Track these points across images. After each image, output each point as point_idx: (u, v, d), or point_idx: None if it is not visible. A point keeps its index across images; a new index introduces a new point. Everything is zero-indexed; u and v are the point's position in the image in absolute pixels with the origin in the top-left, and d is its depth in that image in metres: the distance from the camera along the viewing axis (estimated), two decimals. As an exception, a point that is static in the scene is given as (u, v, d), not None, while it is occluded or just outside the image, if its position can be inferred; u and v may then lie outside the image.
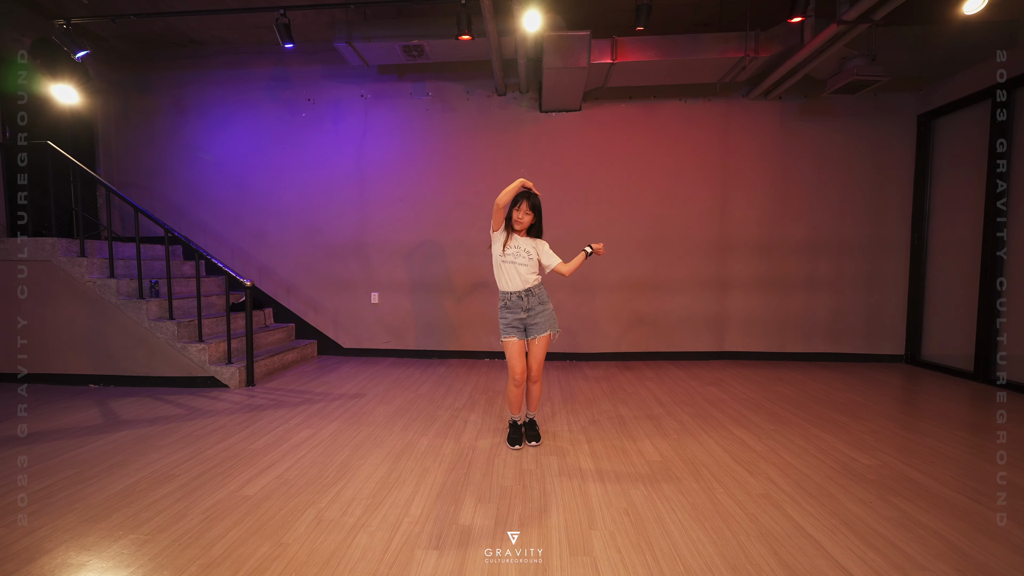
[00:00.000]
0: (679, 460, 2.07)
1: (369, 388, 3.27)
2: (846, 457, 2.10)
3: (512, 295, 2.17)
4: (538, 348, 2.20)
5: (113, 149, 4.42)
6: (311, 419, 2.61)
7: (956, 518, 1.61)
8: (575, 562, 1.38)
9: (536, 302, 2.18)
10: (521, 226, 2.17)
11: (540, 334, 2.18)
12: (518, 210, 2.14)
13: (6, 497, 1.74)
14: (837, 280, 4.11)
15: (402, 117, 4.25)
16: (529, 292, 2.17)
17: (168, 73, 4.37)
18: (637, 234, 4.16)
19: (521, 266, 2.15)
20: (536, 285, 2.20)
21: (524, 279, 2.15)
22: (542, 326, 2.18)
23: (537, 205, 2.16)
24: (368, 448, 2.21)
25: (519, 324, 2.17)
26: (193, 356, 3.26)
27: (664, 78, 3.70)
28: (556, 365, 4.05)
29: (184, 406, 2.85)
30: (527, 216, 2.15)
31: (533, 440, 2.26)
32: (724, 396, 3.09)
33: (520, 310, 2.16)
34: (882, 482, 1.87)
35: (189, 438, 2.31)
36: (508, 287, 2.17)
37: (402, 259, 4.30)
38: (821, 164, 4.06)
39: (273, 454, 2.13)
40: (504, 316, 2.19)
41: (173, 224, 4.42)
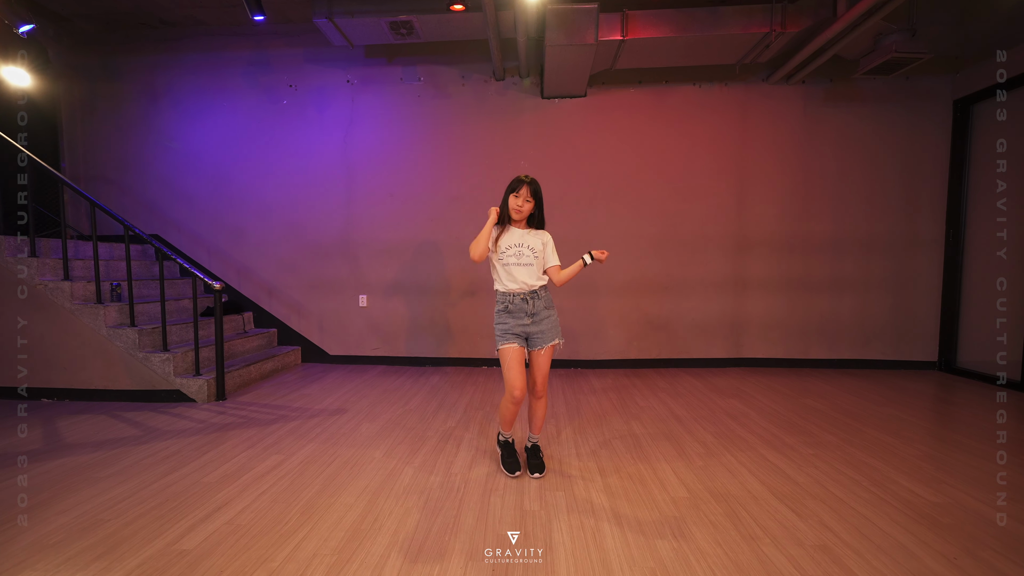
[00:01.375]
0: (709, 496, 1.74)
1: (353, 402, 2.94)
2: (906, 492, 1.78)
3: (515, 297, 1.85)
4: (543, 360, 1.88)
5: (79, 140, 4.08)
6: (282, 441, 2.28)
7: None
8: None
9: (542, 306, 1.87)
10: (521, 215, 1.86)
11: (545, 344, 1.86)
12: (516, 196, 1.84)
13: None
14: (864, 280, 3.78)
15: (392, 104, 3.91)
16: (535, 295, 1.86)
17: (138, 57, 4.03)
18: (647, 231, 3.84)
19: (526, 266, 1.84)
20: (542, 287, 1.89)
21: (529, 280, 1.84)
22: (547, 335, 1.87)
23: (538, 190, 1.86)
24: (343, 480, 1.88)
25: (520, 331, 1.86)
26: (156, 367, 2.93)
27: (679, 59, 3.36)
28: (559, 373, 3.72)
29: (141, 426, 2.52)
30: (528, 203, 1.85)
31: (536, 471, 1.91)
32: (747, 410, 2.76)
33: (524, 315, 1.85)
34: (960, 528, 1.54)
35: (133, 468, 1.98)
36: (510, 286, 1.85)
37: (393, 259, 3.97)
38: (847, 154, 3.73)
39: (228, 490, 1.80)
40: (503, 321, 1.87)
41: (145, 221, 4.09)
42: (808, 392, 3.16)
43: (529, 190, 1.83)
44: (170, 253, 3.01)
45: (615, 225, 3.84)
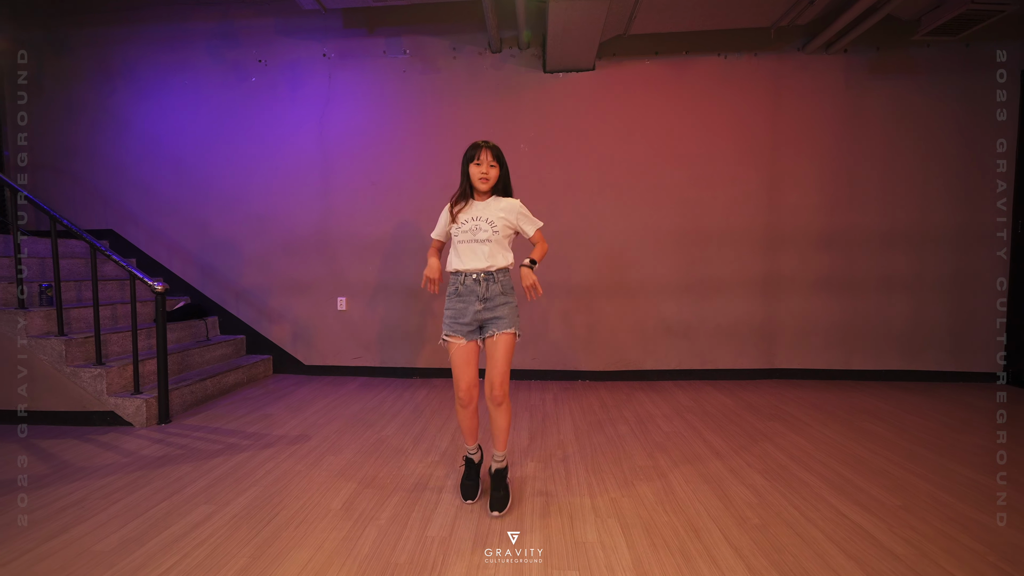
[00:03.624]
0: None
1: (321, 426, 2.46)
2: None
3: (466, 277, 1.60)
4: (499, 350, 1.58)
5: (24, 123, 3.62)
6: (217, 485, 1.81)
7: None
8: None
9: (498, 291, 1.60)
10: (488, 183, 1.60)
11: (500, 330, 1.58)
12: (479, 164, 1.59)
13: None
14: (917, 279, 3.28)
15: (374, 81, 3.44)
16: (491, 277, 1.59)
17: (90, 30, 3.57)
18: (664, 224, 3.35)
19: (481, 243, 1.58)
20: (501, 270, 1.61)
21: (484, 260, 1.58)
22: (503, 321, 1.59)
23: (500, 153, 1.62)
24: (282, 548, 1.40)
25: (471, 320, 1.59)
26: (86, 384, 2.46)
27: (704, 21, 2.88)
28: (565, 386, 3.24)
29: (51, 460, 2.05)
30: (493, 168, 1.60)
31: (495, 509, 1.57)
32: (798, 439, 2.27)
33: (476, 299, 1.58)
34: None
35: (7, 530, 1.51)
36: (463, 265, 1.60)
37: (375, 255, 3.49)
38: (897, 134, 3.23)
39: (123, 564, 1.32)
40: (451, 306, 1.62)
41: (98, 214, 3.64)
42: (861, 411, 2.66)
43: (491, 154, 1.59)
44: (105, 250, 2.53)
45: (627, 217, 3.35)
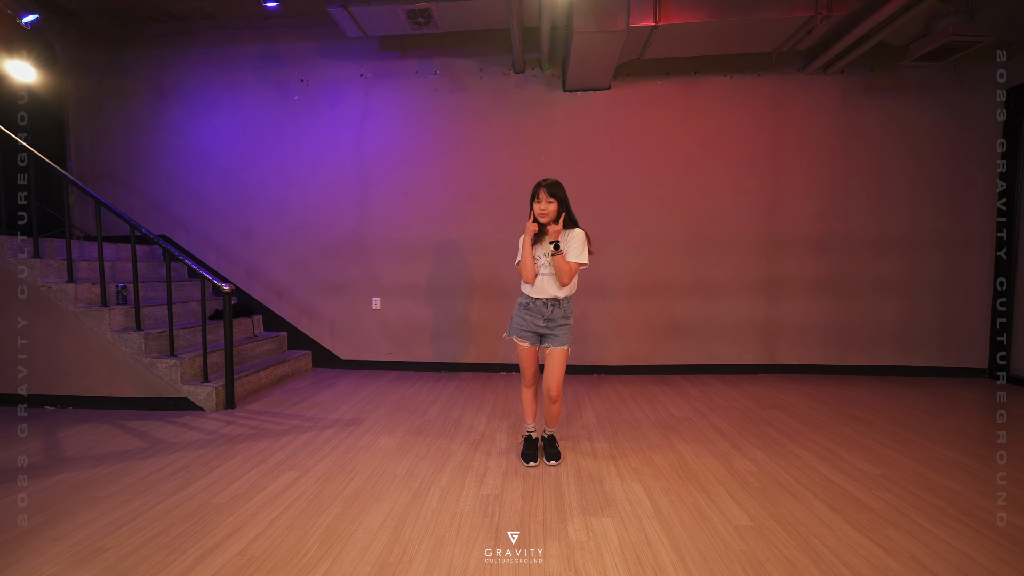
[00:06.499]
0: (779, 527, 1.55)
1: (368, 411, 2.77)
2: (1009, 526, 1.57)
3: (536, 301, 1.95)
4: (556, 362, 1.95)
5: (85, 138, 3.96)
6: (296, 456, 2.12)
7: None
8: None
9: (560, 315, 1.94)
10: (547, 217, 1.87)
11: (558, 344, 1.95)
12: (538, 202, 1.87)
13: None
14: (909, 281, 3.55)
15: (407, 99, 3.75)
16: (556, 303, 1.93)
17: (146, 52, 3.91)
18: (675, 230, 3.64)
19: (546, 276, 1.91)
20: (566, 298, 1.94)
21: (549, 289, 1.91)
22: (560, 339, 1.95)
23: (557, 189, 1.86)
24: (364, 503, 1.71)
25: (534, 330, 1.96)
26: (163, 374, 2.79)
27: (712, 47, 3.17)
28: (582, 379, 3.53)
29: (146, 437, 2.37)
30: (550, 204, 1.85)
31: (552, 459, 2.04)
32: (795, 423, 2.55)
33: (541, 318, 1.94)
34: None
35: (138, 486, 1.83)
36: (535, 294, 1.94)
37: (407, 260, 3.81)
38: (890, 148, 3.51)
39: (240, 512, 1.63)
40: (521, 316, 1.98)
41: (153, 221, 3.97)
42: (853, 401, 2.94)
43: (547, 192, 1.84)
44: (178, 254, 2.86)
45: (640, 224, 3.65)
